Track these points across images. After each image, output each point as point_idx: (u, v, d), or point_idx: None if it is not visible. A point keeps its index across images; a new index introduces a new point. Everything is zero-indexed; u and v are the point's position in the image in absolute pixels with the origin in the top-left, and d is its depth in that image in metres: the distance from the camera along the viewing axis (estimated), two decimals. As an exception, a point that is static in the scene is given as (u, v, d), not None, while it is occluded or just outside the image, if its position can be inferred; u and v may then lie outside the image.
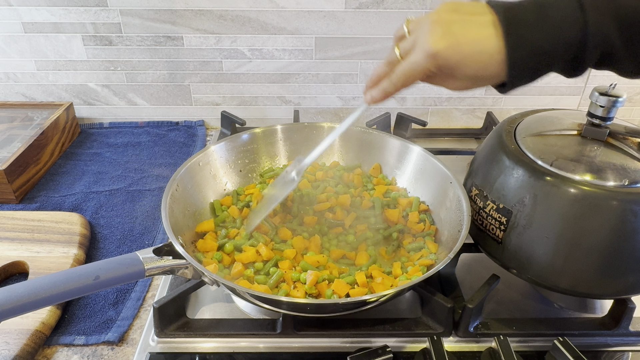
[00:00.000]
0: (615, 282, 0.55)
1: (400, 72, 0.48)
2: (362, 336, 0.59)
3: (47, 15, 0.95)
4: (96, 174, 0.91)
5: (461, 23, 0.44)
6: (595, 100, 0.57)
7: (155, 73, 1.03)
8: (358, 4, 0.94)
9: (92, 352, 0.59)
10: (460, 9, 0.45)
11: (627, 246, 0.53)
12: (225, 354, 0.58)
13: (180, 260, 0.55)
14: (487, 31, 0.43)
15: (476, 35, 0.43)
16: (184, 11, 0.95)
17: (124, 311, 0.64)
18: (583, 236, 0.53)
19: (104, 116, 1.08)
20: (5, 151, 0.86)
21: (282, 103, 1.07)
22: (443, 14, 0.45)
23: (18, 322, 0.57)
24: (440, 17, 0.44)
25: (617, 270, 0.54)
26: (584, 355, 0.53)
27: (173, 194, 0.66)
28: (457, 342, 0.59)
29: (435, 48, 0.44)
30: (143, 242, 0.75)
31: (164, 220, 0.60)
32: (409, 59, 0.47)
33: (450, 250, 0.58)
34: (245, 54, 1.00)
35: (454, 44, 0.43)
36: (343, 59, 1.01)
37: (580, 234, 0.53)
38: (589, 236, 0.53)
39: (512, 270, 0.60)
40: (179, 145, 1.01)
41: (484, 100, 1.08)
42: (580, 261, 0.54)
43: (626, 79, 0.47)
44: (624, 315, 0.59)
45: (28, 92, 1.05)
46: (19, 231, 0.72)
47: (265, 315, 0.62)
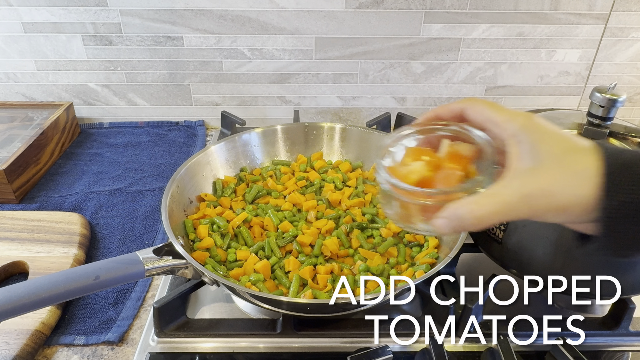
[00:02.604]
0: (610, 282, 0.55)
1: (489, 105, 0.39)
2: (362, 336, 0.59)
3: (47, 15, 0.95)
4: (96, 174, 0.91)
5: (563, 132, 0.36)
6: (595, 100, 0.57)
7: (155, 73, 1.03)
8: (358, 4, 0.94)
9: (92, 352, 0.59)
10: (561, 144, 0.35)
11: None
12: (225, 354, 0.58)
13: (180, 260, 0.55)
14: (587, 161, 0.33)
15: (574, 158, 0.34)
16: (184, 11, 0.95)
17: (124, 311, 0.64)
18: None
19: (104, 116, 1.08)
20: (5, 151, 0.86)
21: (282, 103, 1.07)
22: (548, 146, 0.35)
23: (18, 322, 0.57)
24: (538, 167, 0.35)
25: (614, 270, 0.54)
26: (584, 355, 0.53)
27: (173, 194, 0.66)
28: (457, 342, 0.59)
29: (524, 116, 0.36)
30: (143, 242, 0.75)
31: (164, 220, 0.60)
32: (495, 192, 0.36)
33: (450, 250, 0.58)
34: (245, 54, 1.00)
35: (545, 126, 0.36)
36: (343, 59, 1.01)
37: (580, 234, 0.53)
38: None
39: (512, 270, 0.60)
40: (179, 145, 1.01)
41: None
42: (580, 261, 0.54)
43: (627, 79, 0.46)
44: (624, 315, 0.59)
45: (28, 92, 1.05)
46: (19, 231, 0.72)
47: (265, 315, 0.62)
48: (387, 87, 1.05)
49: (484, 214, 0.35)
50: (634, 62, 1.03)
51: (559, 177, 0.33)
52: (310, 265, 0.62)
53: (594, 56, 1.02)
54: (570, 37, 0.99)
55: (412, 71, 1.03)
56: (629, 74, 1.04)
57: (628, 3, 0.95)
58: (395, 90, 1.06)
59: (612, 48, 1.01)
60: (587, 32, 0.99)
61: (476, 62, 1.02)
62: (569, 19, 0.97)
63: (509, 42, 1.00)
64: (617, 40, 1.00)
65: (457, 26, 0.97)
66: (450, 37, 0.99)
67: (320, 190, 0.76)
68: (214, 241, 0.66)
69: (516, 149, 0.36)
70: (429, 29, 0.98)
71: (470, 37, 0.99)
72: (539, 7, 0.95)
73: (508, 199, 0.35)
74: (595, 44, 1.00)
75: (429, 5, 0.95)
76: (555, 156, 0.34)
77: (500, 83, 1.06)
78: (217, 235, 0.67)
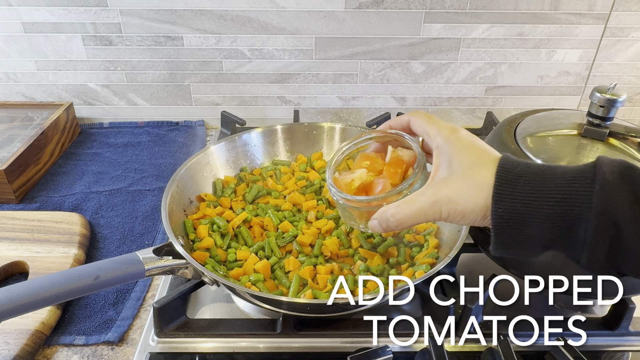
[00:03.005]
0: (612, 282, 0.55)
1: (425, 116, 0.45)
2: (362, 336, 0.59)
3: (47, 15, 0.95)
4: (96, 174, 0.91)
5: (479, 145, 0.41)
6: (595, 100, 0.57)
7: (155, 73, 1.03)
8: (358, 4, 0.94)
9: (92, 352, 0.59)
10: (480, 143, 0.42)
11: (627, 246, 0.53)
12: (225, 354, 0.58)
13: (180, 260, 0.55)
14: (486, 175, 0.39)
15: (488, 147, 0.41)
16: (184, 11, 0.95)
17: (124, 311, 0.64)
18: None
19: (104, 116, 1.08)
20: (5, 151, 0.86)
21: (282, 103, 1.07)
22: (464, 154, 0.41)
23: (18, 322, 0.57)
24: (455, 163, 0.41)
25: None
26: (584, 355, 0.53)
27: (173, 194, 0.66)
28: (457, 342, 0.59)
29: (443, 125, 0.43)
30: (143, 242, 0.75)
31: (164, 220, 0.60)
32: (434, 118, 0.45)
33: (450, 250, 0.58)
34: (245, 54, 1.00)
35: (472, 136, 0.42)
36: (343, 59, 1.01)
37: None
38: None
39: (512, 270, 0.60)
40: (179, 145, 1.01)
41: (484, 100, 1.08)
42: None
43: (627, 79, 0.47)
44: (624, 315, 0.59)
45: (28, 92, 1.05)
46: (19, 231, 0.72)
47: (265, 315, 0.62)
48: (387, 87, 1.05)
49: (404, 217, 0.42)
50: (634, 62, 1.03)
51: (463, 188, 0.39)
52: (310, 265, 0.62)
53: (594, 56, 1.02)
54: (570, 37, 0.99)
55: (412, 71, 1.03)
56: (629, 74, 1.04)
57: (628, 3, 0.95)
58: (395, 90, 1.06)
59: (612, 48, 1.01)
60: (587, 32, 0.99)
61: (476, 62, 1.02)
62: (569, 19, 0.97)
63: (509, 42, 1.00)
64: (617, 40, 1.00)
65: (457, 26, 0.97)
66: (450, 37, 0.99)
67: (320, 190, 0.76)
68: (214, 241, 0.66)
69: (437, 160, 0.42)
70: (429, 29, 0.98)
71: (470, 37, 0.99)
72: (539, 7, 0.95)
73: (421, 205, 0.41)
74: (595, 44, 1.00)
75: (429, 5, 0.95)
76: (464, 169, 0.39)
77: (500, 83, 1.06)
78: (217, 235, 0.67)
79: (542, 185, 0.36)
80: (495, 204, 0.37)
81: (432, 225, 0.70)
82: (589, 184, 0.35)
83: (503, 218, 0.36)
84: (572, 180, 0.36)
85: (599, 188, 0.35)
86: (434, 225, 0.70)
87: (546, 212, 0.36)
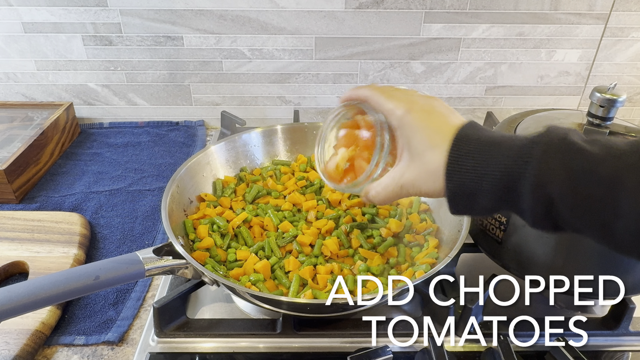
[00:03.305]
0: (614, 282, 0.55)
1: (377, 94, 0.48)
2: (362, 336, 0.59)
3: (47, 15, 0.95)
4: (96, 174, 0.91)
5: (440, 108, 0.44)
6: (595, 100, 0.57)
7: (155, 73, 1.03)
8: (358, 4, 0.94)
9: (92, 352, 0.59)
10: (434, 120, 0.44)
11: (627, 246, 0.53)
12: (225, 354, 0.58)
13: (180, 260, 0.55)
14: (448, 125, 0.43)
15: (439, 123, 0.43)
16: (184, 11, 0.95)
17: (124, 311, 0.64)
18: (583, 236, 0.53)
19: (104, 116, 1.08)
20: (5, 151, 0.86)
21: (282, 103, 1.07)
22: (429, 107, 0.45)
23: (18, 322, 0.57)
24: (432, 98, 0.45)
25: (616, 270, 0.54)
26: (584, 355, 0.53)
27: (173, 194, 0.66)
28: (457, 342, 0.59)
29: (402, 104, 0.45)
30: (143, 242, 0.75)
31: (164, 220, 0.60)
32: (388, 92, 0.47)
33: (450, 250, 0.58)
34: (245, 54, 1.00)
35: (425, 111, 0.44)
36: (343, 59, 1.01)
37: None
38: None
39: (512, 270, 0.60)
40: (179, 145, 1.01)
41: (484, 100, 1.08)
42: (580, 261, 0.54)
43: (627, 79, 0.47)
44: (624, 315, 0.59)
45: (28, 92, 1.05)
46: (19, 231, 0.72)
47: (265, 315, 0.62)
48: (387, 87, 1.05)
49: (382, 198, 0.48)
50: (634, 62, 1.03)
51: (421, 174, 0.43)
52: (310, 265, 0.62)
53: (594, 56, 1.02)
54: (570, 37, 0.99)
55: (412, 71, 1.03)
56: (629, 74, 1.04)
57: (628, 3, 0.95)
58: (395, 90, 1.05)
59: (612, 48, 1.01)
60: (587, 32, 0.99)
61: (476, 62, 1.02)
62: (569, 19, 0.97)
63: (509, 42, 1.00)
64: (617, 40, 1.00)
65: (457, 26, 0.97)
66: (450, 37, 0.99)
67: (320, 190, 0.76)
68: (214, 241, 0.66)
69: (399, 140, 0.46)
70: (429, 29, 0.98)
71: (470, 37, 0.99)
72: (539, 7, 0.95)
73: (393, 189, 0.46)
74: (595, 44, 1.00)
75: (429, 5, 0.95)
76: (419, 154, 0.43)
77: (500, 83, 1.06)
78: (217, 235, 0.67)
79: (487, 162, 0.39)
80: (447, 182, 0.41)
81: (432, 225, 0.70)
82: (525, 162, 0.37)
83: (455, 193, 0.41)
84: (513, 157, 0.38)
85: (534, 164, 0.37)
86: (434, 226, 0.70)
87: (490, 187, 0.39)
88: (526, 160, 0.37)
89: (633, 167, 0.34)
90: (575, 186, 0.36)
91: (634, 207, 0.34)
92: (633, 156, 0.35)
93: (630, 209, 0.34)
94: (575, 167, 0.36)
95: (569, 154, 0.36)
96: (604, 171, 0.35)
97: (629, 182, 0.34)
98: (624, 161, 0.35)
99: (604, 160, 0.35)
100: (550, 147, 0.37)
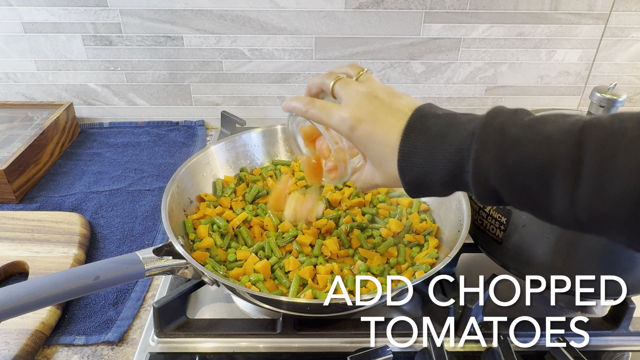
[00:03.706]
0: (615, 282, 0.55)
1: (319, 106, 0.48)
2: (362, 336, 0.59)
3: (47, 15, 0.95)
4: (96, 174, 0.91)
5: (384, 113, 0.45)
6: (595, 100, 0.57)
7: (155, 73, 1.03)
8: (358, 4, 0.94)
9: (92, 352, 0.59)
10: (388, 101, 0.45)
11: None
12: (225, 354, 0.58)
13: (180, 260, 0.55)
14: (396, 129, 0.44)
15: (386, 130, 0.44)
16: (184, 11, 0.95)
17: (124, 311, 0.64)
18: (583, 236, 0.53)
19: (104, 116, 1.08)
20: (5, 151, 0.86)
21: (282, 103, 1.07)
22: (376, 92, 0.46)
23: (18, 322, 0.57)
24: (372, 94, 0.46)
25: (617, 270, 0.54)
26: (584, 355, 0.53)
27: (173, 194, 0.66)
28: (457, 342, 0.59)
29: (351, 115, 0.45)
30: (143, 242, 0.75)
31: (164, 220, 0.60)
32: (329, 103, 0.48)
33: (450, 250, 0.58)
34: (245, 54, 1.00)
35: (369, 124, 0.45)
36: (343, 59, 1.01)
37: (580, 234, 0.53)
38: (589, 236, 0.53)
39: (512, 270, 0.60)
40: (179, 145, 1.01)
41: (484, 100, 1.08)
42: (580, 261, 0.54)
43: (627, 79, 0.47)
44: (624, 315, 0.59)
45: (28, 92, 1.05)
46: (19, 231, 0.72)
47: (265, 315, 0.62)
48: (387, 87, 1.05)
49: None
50: (634, 62, 1.03)
51: (387, 179, 0.46)
52: (310, 265, 0.62)
53: (594, 56, 1.02)
54: (570, 37, 0.99)
55: (412, 71, 1.03)
56: (629, 74, 1.04)
57: (628, 3, 0.95)
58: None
59: (612, 48, 1.01)
60: (587, 32, 0.99)
61: (476, 62, 1.02)
62: (569, 19, 0.97)
63: (509, 42, 1.00)
64: (617, 40, 1.00)
65: (457, 26, 0.97)
66: (450, 37, 0.99)
67: (320, 190, 0.76)
68: (214, 241, 0.66)
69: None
70: (429, 29, 0.98)
71: (470, 37, 0.99)
72: (539, 7, 0.95)
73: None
74: (595, 44, 1.00)
75: (429, 5, 0.95)
76: (378, 165, 0.46)
77: (500, 83, 1.06)
78: (217, 235, 0.67)
79: (433, 158, 0.41)
80: (401, 178, 0.44)
81: (432, 225, 0.70)
82: (464, 157, 0.40)
83: (410, 185, 0.44)
84: (453, 152, 0.40)
85: (472, 160, 0.39)
86: (434, 226, 0.70)
87: (439, 179, 0.42)
88: (465, 155, 0.39)
89: (564, 157, 0.35)
90: (511, 178, 0.38)
91: (566, 194, 0.35)
92: (564, 145, 0.35)
93: (562, 197, 0.36)
94: (508, 162, 0.38)
95: (503, 147, 0.38)
96: (535, 163, 0.36)
97: (559, 171, 0.35)
98: (556, 150, 0.36)
99: (537, 150, 0.36)
100: (487, 142, 0.38)
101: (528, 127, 0.38)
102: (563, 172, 0.35)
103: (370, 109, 0.45)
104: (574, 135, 0.35)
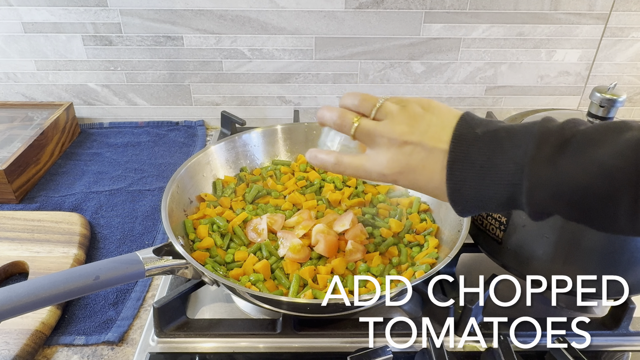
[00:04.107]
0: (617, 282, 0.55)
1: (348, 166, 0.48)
2: (362, 336, 0.59)
3: (47, 15, 0.95)
4: (96, 174, 0.91)
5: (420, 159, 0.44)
6: (595, 100, 0.57)
7: (155, 73, 1.03)
8: (358, 4, 0.94)
9: (92, 352, 0.59)
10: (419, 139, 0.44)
11: (627, 246, 0.53)
12: (225, 354, 0.58)
13: (180, 260, 0.55)
14: (438, 168, 0.43)
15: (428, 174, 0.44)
16: (184, 11, 0.95)
17: (124, 311, 0.64)
18: (583, 236, 0.53)
19: (104, 116, 1.08)
20: (5, 151, 0.86)
21: (282, 103, 1.07)
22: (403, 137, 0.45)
23: (18, 322, 0.57)
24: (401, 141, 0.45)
25: (618, 270, 0.54)
26: (584, 355, 0.53)
27: (173, 194, 0.66)
28: (457, 342, 0.59)
29: (388, 172, 0.45)
30: (143, 242, 0.75)
31: (164, 220, 0.60)
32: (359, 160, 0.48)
33: (450, 250, 0.58)
34: (245, 54, 1.00)
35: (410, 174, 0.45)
36: (343, 59, 1.01)
37: (580, 234, 0.53)
38: (590, 236, 0.53)
39: (513, 270, 0.60)
40: (179, 145, 1.01)
41: (484, 100, 1.08)
42: (581, 261, 0.54)
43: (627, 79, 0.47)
44: (624, 315, 0.59)
45: (28, 92, 1.05)
46: (19, 231, 0.72)
47: (265, 315, 0.62)
48: (387, 87, 1.05)
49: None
50: (634, 62, 1.03)
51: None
52: (310, 265, 0.62)
53: (594, 56, 1.02)
54: (570, 37, 0.99)
55: (412, 71, 1.03)
56: (629, 74, 1.04)
57: (628, 3, 0.95)
58: (395, 90, 1.06)
59: (612, 48, 1.01)
60: (587, 32, 0.99)
61: (476, 62, 1.02)
62: (569, 19, 0.97)
63: (509, 42, 1.00)
64: (617, 40, 1.00)
65: (457, 26, 0.97)
66: (450, 37, 0.99)
67: (320, 190, 0.76)
68: (214, 241, 0.65)
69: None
70: (429, 29, 0.98)
71: (470, 37, 0.99)
72: (539, 7, 0.95)
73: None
74: (595, 44, 1.00)
75: (429, 5, 0.95)
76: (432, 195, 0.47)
77: (500, 83, 1.06)
78: (217, 235, 0.67)
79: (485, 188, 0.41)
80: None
81: (432, 225, 0.70)
82: (519, 191, 0.40)
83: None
84: (506, 184, 0.40)
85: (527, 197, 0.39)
86: (434, 226, 0.70)
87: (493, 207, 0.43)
88: (518, 190, 0.40)
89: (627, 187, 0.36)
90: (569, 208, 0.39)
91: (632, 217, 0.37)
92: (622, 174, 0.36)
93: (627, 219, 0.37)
94: (564, 197, 0.38)
95: (557, 184, 0.38)
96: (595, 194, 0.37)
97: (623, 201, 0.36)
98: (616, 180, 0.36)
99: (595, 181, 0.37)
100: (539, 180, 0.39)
101: (580, 153, 0.38)
102: (628, 200, 0.36)
103: (404, 160, 0.45)
104: (629, 160, 0.36)
